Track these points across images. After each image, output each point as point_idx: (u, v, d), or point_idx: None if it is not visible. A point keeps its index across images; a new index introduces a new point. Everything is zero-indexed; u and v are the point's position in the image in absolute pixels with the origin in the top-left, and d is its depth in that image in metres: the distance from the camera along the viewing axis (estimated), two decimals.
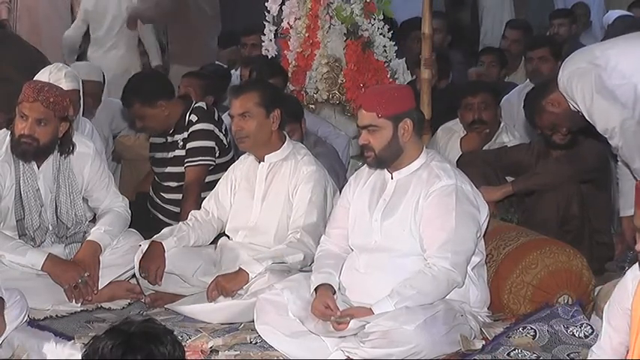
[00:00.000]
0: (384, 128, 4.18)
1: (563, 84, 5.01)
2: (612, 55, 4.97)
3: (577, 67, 5.00)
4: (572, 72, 4.98)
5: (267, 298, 4.27)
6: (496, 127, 5.96)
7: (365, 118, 4.21)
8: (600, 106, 4.89)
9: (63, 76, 5.25)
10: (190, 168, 5.44)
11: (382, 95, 4.25)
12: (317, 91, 6.44)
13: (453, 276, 4.08)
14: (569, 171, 5.19)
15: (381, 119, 4.17)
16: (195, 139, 5.45)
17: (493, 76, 7.50)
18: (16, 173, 4.77)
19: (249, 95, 4.73)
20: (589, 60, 4.98)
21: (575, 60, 5.07)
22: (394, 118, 4.18)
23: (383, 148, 4.19)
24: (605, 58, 4.96)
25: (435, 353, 3.96)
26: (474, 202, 4.23)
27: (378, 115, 4.17)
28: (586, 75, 4.92)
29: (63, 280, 4.71)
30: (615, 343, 3.43)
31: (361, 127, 4.24)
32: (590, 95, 4.90)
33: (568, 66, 5.05)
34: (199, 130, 5.45)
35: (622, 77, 4.93)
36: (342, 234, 4.39)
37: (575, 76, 4.96)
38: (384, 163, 4.25)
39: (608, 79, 4.92)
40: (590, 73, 4.91)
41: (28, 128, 4.65)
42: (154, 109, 5.44)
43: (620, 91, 4.92)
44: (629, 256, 4.73)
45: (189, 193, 5.39)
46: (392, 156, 4.22)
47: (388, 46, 6.48)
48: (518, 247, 4.60)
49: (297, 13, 6.42)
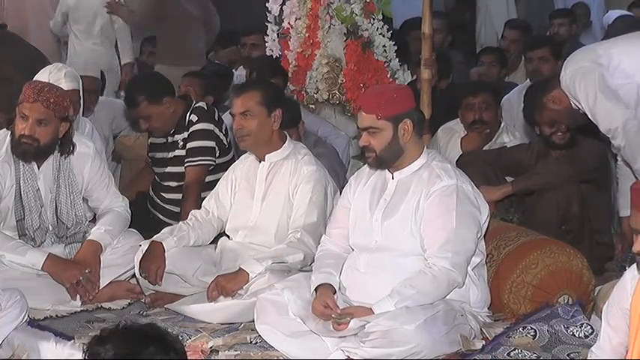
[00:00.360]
0: (384, 130, 4.18)
1: (565, 82, 5.00)
2: (615, 54, 4.97)
3: (580, 65, 4.99)
4: (575, 71, 4.98)
5: (268, 297, 4.27)
6: (497, 127, 5.97)
7: (365, 120, 4.21)
8: (604, 106, 4.89)
9: (63, 76, 5.25)
10: (190, 168, 5.44)
11: (381, 97, 4.24)
12: (317, 91, 6.44)
13: (454, 276, 4.08)
14: (569, 171, 5.19)
15: (380, 121, 4.17)
16: (196, 139, 5.45)
17: (493, 76, 7.51)
18: (16, 173, 4.77)
19: (250, 94, 4.74)
20: (592, 59, 4.98)
21: (578, 59, 5.06)
22: (394, 119, 4.18)
23: (383, 149, 4.20)
24: (608, 57, 4.96)
25: (435, 353, 3.96)
26: (475, 202, 4.23)
27: (378, 116, 4.17)
28: (589, 74, 4.92)
29: (64, 278, 4.71)
30: (614, 343, 3.43)
31: (361, 128, 4.24)
32: (593, 95, 4.90)
33: (571, 64, 5.04)
34: (199, 130, 5.46)
35: (625, 76, 4.93)
36: (343, 234, 4.39)
37: (578, 75, 4.95)
38: (384, 164, 4.25)
39: (611, 79, 4.92)
40: (593, 73, 4.91)
41: (29, 129, 4.65)
42: (159, 106, 5.44)
43: (622, 91, 4.92)
44: (629, 255, 4.73)
45: (189, 192, 5.40)
46: (393, 156, 4.22)
47: (388, 46, 6.48)
48: (519, 247, 4.60)
49: (297, 13, 6.42)
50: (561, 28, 8.30)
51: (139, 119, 5.59)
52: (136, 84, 5.72)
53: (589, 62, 4.97)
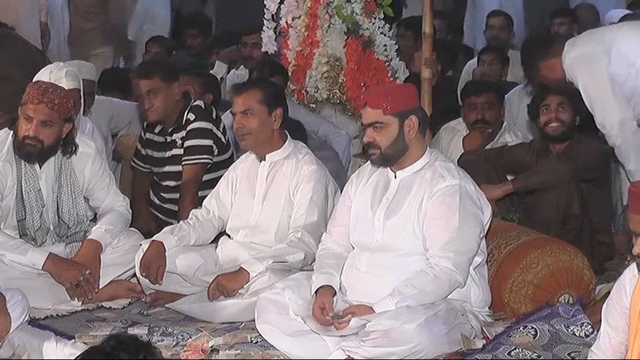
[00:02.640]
0: (390, 125, 4.17)
1: (567, 63, 4.96)
2: (620, 39, 4.92)
3: (585, 50, 4.93)
4: (579, 56, 4.93)
5: (268, 297, 4.27)
6: (499, 126, 5.97)
7: (371, 116, 4.20)
8: (601, 98, 4.87)
9: (64, 75, 5.24)
10: (188, 166, 5.43)
11: (388, 93, 4.26)
12: (317, 90, 6.44)
13: (455, 276, 4.07)
14: (570, 169, 5.19)
15: (387, 116, 4.16)
16: (193, 138, 5.43)
17: (495, 74, 7.49)
18: (17, 173, 4.77)
19: (251, 93, 4.74)
20: (598, 43, 4.93)
21: (585, 41, 5.00)
22: (400, 115, 4.17)
23: (389, 146, 4.18)
24: (613, 42, 4.90)
25: (435, 352, 3.96)
26: (478, 202, 4.22)
27: (385, 112, 4.16)
28: (593, 62, 4.87)
29: (64, 278, 4.71)
30: (615, 343, 3.44)
31: (367, 124, 4.22)
32: (593, 84, 4.87)
33: (577, 46, 4.98)
34: (197, 129, 5.44)
35: (627, 65, 4.89)
36: (344, 232, 4.39)
37: (582, 61, 4.91)
38: (388, 161, 4.24)
39: (613, 67, 4.87)
40: (598, 61, 4.87)
41: (33, 130, 4.64)
42: (169, 85, 5.42)
43: (622, 80, 4.88)
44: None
45: (186, 191, 5.37)
46: (397, 153, 4.21)
47: (389, 46, 6.48)
48: (520, 246, 4.60)
49: (295, 12, 6.42)
50: (562, 28, 8.28)
51: (144, 95, 5.47)
52: (154, 60, 5.69)
53: (595, 46, 4.92)
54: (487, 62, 7.61)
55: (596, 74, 4.87)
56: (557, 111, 5.22)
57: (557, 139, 5.25)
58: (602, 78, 4.86)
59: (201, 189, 5.35)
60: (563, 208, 5.16)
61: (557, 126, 5.22)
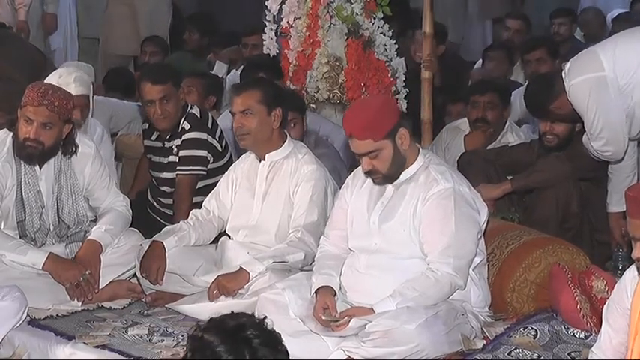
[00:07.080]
0: (384, 148, 4.12)
1: (569, 94, 4.91)
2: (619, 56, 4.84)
3: (583, 78, 4.84)
4: (579, 84, 4.82)
5: (268, 297, 4.27)
6: (501, 127, 5.97)
7: (362, 147, 4.12)
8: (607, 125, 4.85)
9: (72, 80, 5.23)
10: (181, 177, 5.37)
11: (370, 121, 4.11)
12: (317, 90, 6.43)
13: (456, 280, 4.08)
14: (569, 169, 5.19)
15: (378, 142, 4.11)
16: (187, 148, 5.34)
17: (500, 72, 7.46)
18: (17, 174, 4.77)
19: (250, 93, 4.73)
20: (595, 69, 4.82)
21: (582, 68, 4.89)
22: (390, 135, 4.12)
23: (389, 167, 4.16)
24: (612, 62, 4.81)
25: (436, 352, 3.96)
26: (473, 204, 4.21)
27: (375, 140, 4.10)
28: (594, 90, 4.79)
29: (64, 278, 4.70)
30: (615, 343, 3.44)
31: (360, 155, 4.16)
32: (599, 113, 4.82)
33: (574, 73, 4.89)
34: (191, 139, 5.34)
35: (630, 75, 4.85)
36: (341, 235, 4.38)
37: (580, 90, 4.82)
38: (393, 178, 4.21)
39: (618, 81, 4.82)
40: (599, 87, 4.77)
41: (34, 132, 4.64)
42: (178, 90, 5.37)
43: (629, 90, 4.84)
44: (619, 254, 4.72)
45: (180, 201, 5.31)
46: (399, 169, 4.18)
47: (389, 46, 6.48)
48: (521, 245, 4.60)
49: (297, 12, 6.41)
50: (561, 28, 8.28)
51: (156, 101, 5.32)
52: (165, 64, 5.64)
53: (592, 73, 4.83)
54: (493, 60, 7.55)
55: (595, 96, 4.81)
56: (552, 125, 5.22)
57: (552, 150, 5.26)
58: (605, 104, 4.82)
59: (196, 195, 5.32)
60: (563, 208, 5.17)
61: (551, 138, 5.24)
